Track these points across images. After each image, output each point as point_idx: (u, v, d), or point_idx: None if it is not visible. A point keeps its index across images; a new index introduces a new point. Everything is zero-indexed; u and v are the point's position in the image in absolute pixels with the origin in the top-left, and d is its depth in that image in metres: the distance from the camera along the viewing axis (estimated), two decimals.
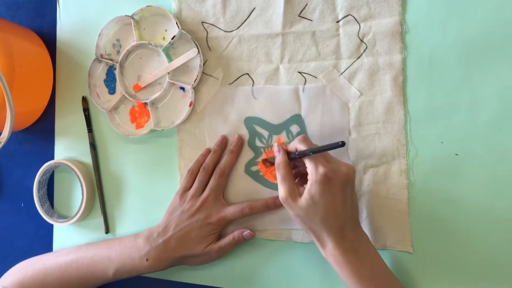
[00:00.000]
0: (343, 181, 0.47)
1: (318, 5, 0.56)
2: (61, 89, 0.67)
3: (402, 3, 0.54)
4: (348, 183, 0.48)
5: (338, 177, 0.47)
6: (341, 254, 0.47)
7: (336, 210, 0.47)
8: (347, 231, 0.48)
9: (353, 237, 0.48)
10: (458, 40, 0.53)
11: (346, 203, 0.48)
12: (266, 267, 0.59)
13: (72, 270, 0.60)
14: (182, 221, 0.57)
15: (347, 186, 0.48)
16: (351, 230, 0.49)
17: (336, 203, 0.47)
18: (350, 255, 0.47)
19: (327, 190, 0.47)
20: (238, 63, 0.59)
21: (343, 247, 0.48)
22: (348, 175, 0.48)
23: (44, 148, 0.68)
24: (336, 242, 0.48)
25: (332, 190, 0.47)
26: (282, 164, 0.51)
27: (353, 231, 0.49)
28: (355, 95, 0.55)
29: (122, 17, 0.62)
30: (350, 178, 0.48)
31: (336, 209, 0.47)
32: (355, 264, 0.47)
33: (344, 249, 0.48)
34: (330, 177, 0.47)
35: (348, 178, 0.48)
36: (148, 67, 0.62)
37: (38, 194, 0.66)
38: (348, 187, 0.48)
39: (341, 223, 0.48)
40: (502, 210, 0.51)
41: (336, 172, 0.47)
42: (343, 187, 0.47)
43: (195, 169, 0.60)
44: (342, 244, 0.48)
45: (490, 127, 0.52)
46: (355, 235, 0.49)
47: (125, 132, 0.62)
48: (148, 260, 0.57)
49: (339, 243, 0.48)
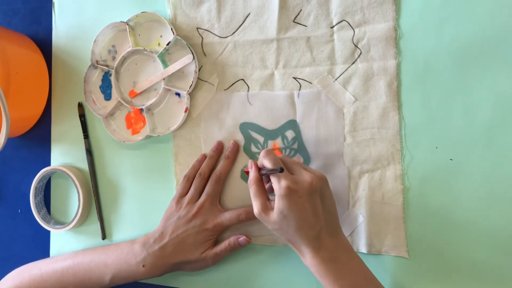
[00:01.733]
0: (307, 191, 0.47)
1: (313, 11, 0.56)
2: (57, 96, 0.68)
3: (396, 8, 0.54)
4: (314, 192, 0.47)
5: (302, 188, 0.46)
6: (319, 264, 0.47)
7: (307, 219, 0.47)
8: (324, 240, 0.48)
9: (331, 245, 0.48)
10: (452, 45, 0.53)
11: (316, 212, 0.47)
12: (262, 272, 0.59)
13: (69, 276, 0.60)
14: (179, 227, 0.57)
15: (314, 195, 0.47)
16: (328, 238, 0.48)
17: (306, 214, 0.47)
18: (329, 265, 0.47)
19: (294, 202, 0.46)
20: (233, 69, 0.60)
21: (321, 257, 0.47)
22: (311, 184, 0.47)
23: (40, 154, 0.68)
24: (313, 252, 0.47)
25: (298, 201, 0.46)
26: (253, 181, 0.50)
27: (331, 240, 0.48)
28: (350, 100, 0.56)
29: (117, 23, 0.62)
30: (314, 186, 0.47)
31: (307, 219, 0.47)
32: (334, 274, 0.47)
33: (322, 258, 0.47)
34: (293, 189, 0.46)
35: (311, 187, 0.47)
36: (144, 73, 0.62)
37: (34, 200, 0.66)
38: (315, 196, 0.47)
39: (315, 232, 0.47)
40: (497, 215, 0.51)
41: (299, 183, 0.47)
42: (310, 196, 0.47)
43: (191, 175, 0.60)
44: (319, 254, 0.47)
45: (485, 132, 0.52)
46: (334, 244, 0.48)
47: (121, 138, 0.62)
48: (144, 266, 0.57)
49: (317, 253, 0.47)
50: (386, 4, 0.54)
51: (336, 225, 0.50)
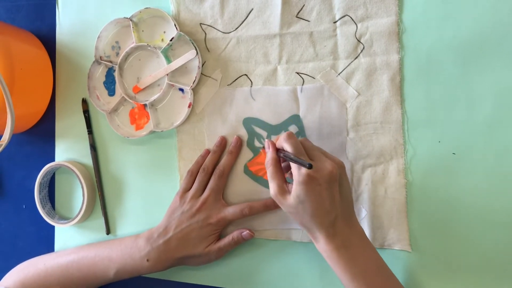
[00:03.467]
0: (327, 179, 0.47)
1: (315, 6, 0.57)
2: (61, 91, 0.68)
3: (398, 3, 0.54)
4: (333, 180, 0.47)
5: (322, 176, 0.47)
6: (332, 250, 0.48)
7: (324, 207, 0.47)
8: (339, 227, 0.48)
9: (345, 233, 0.48)
10: (454, 39, 0.53)
11: (333, 199, 0.48)
12: (265, 267, 0.59)
13: (73, 270, 0.61)
14: (183, 222, 0.58)
15: (333, 183, 0.47)
16: (343, 226, 0.48)
17: (323, 201, 0.47)
18: (342, 251, 0.47)
19: (312, 190, 0.47)
20: (236, 64, 0.60)
21: (335, 244, 0.48)
22: (331, 172, 0.47)
23: (44, 150, 0.69)
24: (327, 239, 0.48)
25: (317, 189, 0.47)
26: (270, 161, 0.51)
27: (346, 227, 0.49)
28: (353, 95, 0.56)
29: (121, 19, 0.62)
30: (334, 175, 0.47)
31: (324, 207, 0.47)
32: (347, 260, 0.47)
33: (336, 245, 0.47)
34: (313, 176, 0.46)
35: (332, 175, 0.47)
36: (147, 68, 0.63)
37: (39, 195, 0.67)
38: (334, 184, 0.48)
39: (331, 219, 0.48)
40: (500, 208, 0.51)
41: (319, 171, 0.47)
42: (329, 185, 0.47)
43: (195, 170, 0.60)
44: (333, 241, 0.48)
45: (487, 126, 0.52)
46: (348, 231, 0.49)
47: (125, 134, 0.63)
48: (148, 261, 0.58)
49: (331, 239, 0.48)
50: None
51: (351, 213, 0.50)
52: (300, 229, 0.57)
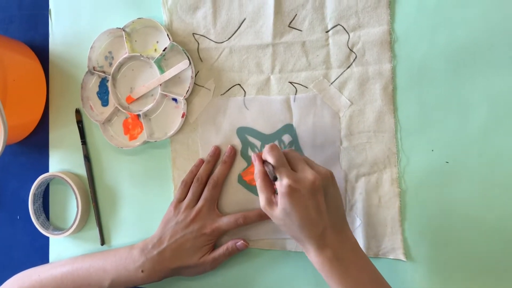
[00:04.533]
0: (309, 189, 0.46)
1: (308, 16, 0.57)
2: (55, 102, 0.68)
3: (390, 12, 0.54)
4: (316, 190, 0.47)
5: (303, 186, 0.46)
6: (323, 262, 0.47)
7: (310, 218, 0.47)
8: (329, 238, 0.47)
9: (336, 244, 0.47)
10: (446, 48, 0.53)
11: (320, 210, 0.47)
12: (260, 277, 0.59)
13: (68, 282, 0.60)
14: (177, 232, 0.58)
15: (316, 193, 0.47)
16: (333, 237, 0.47)
17: (309, 212, 0.46)
18: (334, 263, 0.46)
19: (296, 201, 0.46)
20: (229, 74, 0.60)
21: (326, 256, 0.47)
22: (314, 183, 0.46)
23: (38, 160, 0.68)
24: (318, 250, 0.47)
25: (300, 200, 0.46)
26: (258, 174, 0.50)
27: (337, 238, 0.48)
28: (346, 104, 0.56)
29: (114, 30, 0.62)
30: (316, 185, 0.46)
31: (310, 217, 0.46)
32: (339, 273, 0.46)
33: (327, 257, 0.47)
34: (294, 188, 0.46)
35: (314, 186, 0.46)
36: (141, 79, 0.62)
37: (33, 206, 0.66)
38: (317, 194, 0.47)
39: (319, 230, 0.47)
40: (494, 216, 0.51)
41: (301, 182, 0.46)
42: (312, 195, 0.46)
43: (189, 180, 0.60)
44: (324, 252, 0.47)
45: (481, 134, 0.52)
46: (340, 242, 0.48)
47: (119, 144, 0.63)
48: (143, 272, 0.57)
49: (321, 251, 0.47)
50: (381, 8, 0.54)
51: (342, 222, 0.49)
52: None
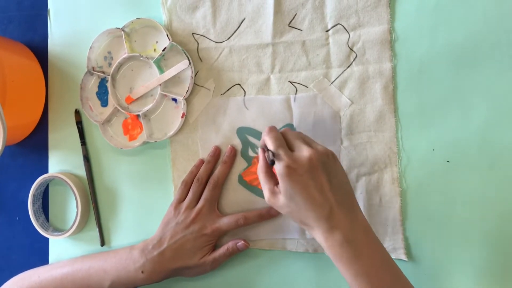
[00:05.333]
0: (306, 167, 0.45)
1: (308, 15, 0.57)
2: (54, 103, 0.68)
3: (390, 11, 0.54)
4: (314, 167, 0.45)
5: (301, 165, 0.45)
6: (333, 246, 0.45)
7: (314, 198, 0.45)
8: (338, 220, 0.45)
9: (346, 226, 0.45)
10: (447, 47, 0.53)
11: (322, 188, 0.45)
12: (261, 277, 0.59)
13: (68, 283, 0.60)
14: (177, 233, 0.57)
15: (314, 171, 0.45)
16: (343, 218, 0.45)
17: (311, 191, 0.45)
18: (344, 247, 0.44)
19: (295, 182, 0.45)
20: (229, 74, 0.60)
21: (335, 238, 0.45)
22: (310, 160, 0.45)
23: (38, 161, 0.68)
24: (327, 233, 0.45)
25: (300, 180, 0.45)
26: (260, 168, 0.49)
27: (346, 219, 0.45)
28: (346, 104, 0.56)
29: (113, 30, 0.62)
30: (313, 162, 0.45)
31: (313, 198, 0.45)
32: (350, 256, 0.44)
33: (337, 240, 0.44)
34: (291, 167, 0.45)
35: (311, 163, 0.45)
36: (140, 79, 0.62)
37: (33, 207, 0.66)
38: (316, 172, 0.45)
39: (326, 211, 0.45)
40: (494, 216, 0.51)
41: (298, 161, 0.45)
42: (311, 173, 0.45)
43: (189, 180, 0.60)
44: (333, 235, 0.45)
45: (481, 133, 0.52)
46: (349, 224, 0.45)
47: (118, 145, 0.62)
48: (143, 272, 0.57)
49: (330, 233, 0.45)
50: (381, 7, 0.54)
51: (350, 202, 0.47)
52: (295, 239, 0.57)
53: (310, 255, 0.57)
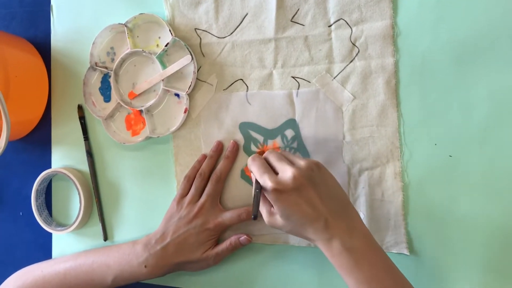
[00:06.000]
0: (292, 186, 0.46)
1: (310, 10, 0.57)
2: (57, 98, 0.68)
3: (393, 6, 0.54)
4: (299, 185, 0.46)
5: (286, 186, 0.46)
6: (333, 256, 0.46)
7: (307, 214, 0.46)
8: (335, 229, 0.46)
9: (342, 232, 0.46)
10: (449, 42, 0.53)
11: (312, 202, 0.46)
12: (263, 271, 0.59)
13: (71, 277, 0.60)
14: (180, 228, 0.58)
15: (301, 188, 0.46)
16: (340, 227, 0.46)
17: (303, 209, 0.46)
18: (344, 255, 0.45)
19: (286, 202, 0.46)
20: (232, 69, 0.60)
21: (335, 248, 0.45)
22: (294, 179, 0.45)
23: (41, 157, 0.68)
24: (326, 245, 0.46)
25: (289, 200, 0.46)
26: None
27: (344, 228, 0.46)
28: (349, 98, 0.56)
29: (116, 25, 0.62)
30: (298, 180, 0.45)
31: (307, 214, 0.46)
32: (351, 264, 0.45)
33: (336, 249, 0.45)
34: (279, 190, 0.46)
35: (296, 181, 0.45)
36: (143, 74, 0.62)
37: (36, 203, 0.66)
38: (304, 188, 0.46)
39: (321, 224, 0.46)
40: (496, 210, 0.51)
41: (283, 183, 0.46)
42: (299, 191, 0.46)
43: (192, 175, 0.60)
44: (332, 245, 0.46)
45: (483, 128, 0.52)
46: (346, 229, 0.46)
47: (121, 140, 0.63)
48: (146, 267, 0.57)
49: (329, 244, 0.46)
50: (383, 2, 0.54)
51: (345, 209, 0.48)
52: None
53: (313, 250, 0.57)
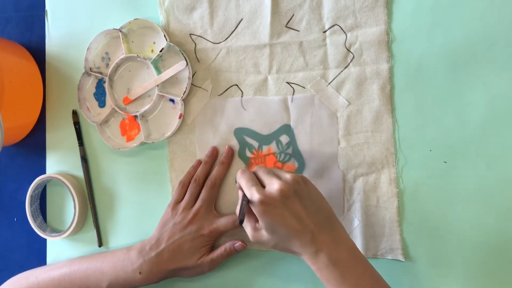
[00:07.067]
0: (279, 199, 0.45)
1: (305, 16, 0.56)
2: (51, 103, 0.67)
3: (388, 12, 0.54)
4: (286, 198, 0.46)
5: (273, 199, 0.45)
6: (320, 269, 0.46)
7: (293, 228, 0.46)
8: (321, 243, 0.46)
9: (328, 245, 0.46)
10: (444, 48, 0.53)
11: (299, 216, 0.46)
12: (259, 278, 0.59)
13: (65, 284, 0.60)
14: (175, 234, 0.57)
15: (287, 201, 0.46)
16: (326, 241, 0.46)
17: (289, 222, 0.46)
18: (330, 268, 0.45)
19: (271, 215, 0.46)
20: (226, 75, 0.60)
21: (321, 262, 0.45)
22: (281, 191, 0.45)
23: (35, 162, 0.68)
24: (313, 258, 0.46)
25: (276, 213, 0.46)
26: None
27: (330, 241, 0.46)
28: (343, 104, 0.56)
29: (110, 31, 0.62)
30: (285, 193, 0.45)
31: (293, 227, 0.46)
32: (336, 277, 0.45)
33: (322, 263, 0.45)
34: (265, 202, 0.45)
35: (283, 194, 0.45)
36: (138, 79, 0.62)
37: (30, 208, 0.66)
38: (290, 201, 0.46)
39: (308, 237, 0.46)
40: (491, 216, 0.51)
41: (270, 196, 0.45)
42: (285, 204, 0.46)
43: (186, 181, 0.60)
44: (319, 259, 0.46)
45: (478, 134, 0.52)
46: (332, 242, 0.46)
47: (116, 145, 0.62)
48: (141, 273, 0.57)
49: (315, 258, 0.46)
50: (378, 8, 0.54)
51: (331, 222, 0.48)
52: None
53: None
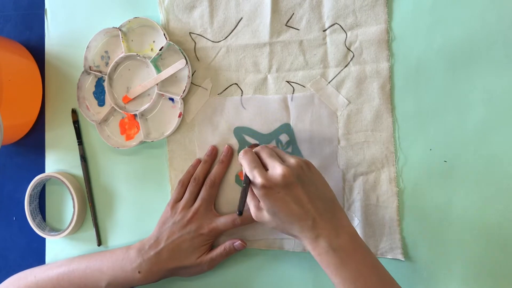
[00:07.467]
0: (281, 184, 0.45)
1: (305, 14, 0.56)
2: (51, 102, 0.67)
3: (388, 11, 0.54)
4: (289, 183, 0.45)
5: (275, 184, 0.45)
6: (320, 255, 0.46)
7: (294, 212, 0.46)
8: (322, 229, 0.46)
9: (329, 231, 0.46)
10: (444, 47, 0.53)
11: (301, 201, 0.46)
12: (258, 277, 0.59)
13: (64, 283, 0.60)
14: (174, 233, 0.57)
15: (290, 186, 0.46)
16: (327, 227, 0.46)
17: (290, 206, 0.46)
18: (330, 254, 0.45)
19: (274, 199, 0.46)
20: (226, 73, 0.59)
21: (321, 247, 0.45)
22: (284, 176, 0.45)
23: (34, 161, 0.68)
24: (312, 244, 0.46)
25: (277, 197, 0.46)
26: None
27: (331, 228, 0.46)
28: (343, 103, 0.56)
29: (110, 29, 0.62)
30: (287, 177, 0.45)
31: (294, 212, 0.46)
32: (336, 264, 0.45)
33: (322, 249, 0.45)
34: (267, 187, 0.45)
35: (285, 179, 0.45)
36: (137, 78, 0.62)
37: (29, 207, 0.66)
38: (293, 187, 0.46)
39: (309, 223, 0.46)
40: (491, 216, 0.51)
41: (272, 180, 0.46)
42: (287, 189, 0.46)
43: (186, 180, 0.60)
44: (318, 245, 0.45)
45: (478, 133, 0.52)
46: (332, 229, 0.46)
47: (115, 144, 0.62)
48: (140, 272, 0.57)
49: (315, 243, 0.46)
50: (378, 6, 0.54)
51: (333, 208, 0.48)
52: (292, 238, 0.57)
53: (307, 255, 0.57)
